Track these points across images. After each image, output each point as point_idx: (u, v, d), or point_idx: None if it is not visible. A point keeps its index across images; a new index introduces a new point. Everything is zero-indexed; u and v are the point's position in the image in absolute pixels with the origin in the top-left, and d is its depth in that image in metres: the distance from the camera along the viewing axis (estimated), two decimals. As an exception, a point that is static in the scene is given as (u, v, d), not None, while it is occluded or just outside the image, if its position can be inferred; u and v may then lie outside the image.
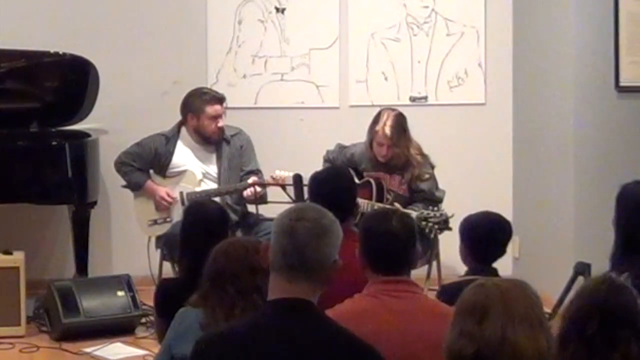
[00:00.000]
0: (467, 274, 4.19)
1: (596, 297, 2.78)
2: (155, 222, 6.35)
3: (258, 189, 6.20)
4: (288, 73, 7.13)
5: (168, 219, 6.31)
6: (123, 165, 6.40)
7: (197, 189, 6.31)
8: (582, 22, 6.22)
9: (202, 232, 4.18)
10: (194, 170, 6.38)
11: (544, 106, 6.73)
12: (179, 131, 6.43)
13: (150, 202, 6.36)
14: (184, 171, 6.38)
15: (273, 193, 6.26)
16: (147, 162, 6.39)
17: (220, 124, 6.34)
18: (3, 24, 6.77)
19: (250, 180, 6.27)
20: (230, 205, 6.15)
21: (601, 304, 2.76)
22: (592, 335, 2.72)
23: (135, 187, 6.41)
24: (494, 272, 4.08)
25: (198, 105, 6.34)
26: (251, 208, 6.39)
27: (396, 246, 3.42)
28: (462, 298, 2.52)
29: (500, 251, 4.19)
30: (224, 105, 6.37)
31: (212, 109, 6.31)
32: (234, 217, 6.05)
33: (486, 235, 4.16)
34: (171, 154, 6.38)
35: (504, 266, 6.62)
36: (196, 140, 6.40)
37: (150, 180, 6.38)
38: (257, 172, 6.42)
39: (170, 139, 6.40)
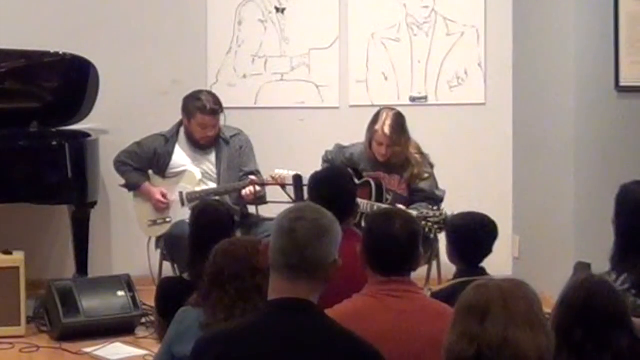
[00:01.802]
0: (455, 275, 4.19)
1: (575, 304, 2.77)
2: (155, 222, 6.35)
3: (257, 188, 6.20)
4: (288, 73, 7.13)
5: (168, 219, 6.31)
6: (121, 164, 6.42)
7: (197, 189, 6.31)
8: (582, 22, 6.22)
9: (215, 236, 4.16)
10: (194, 170, 6.38)
11: (544, 106, 6.73)
12: (178, 131, 6.43)
13: (149, 203, 6.36)
14: (184, 171, 6.38)
15: (273, 193, 6.26)
16: (146, 162, 6.40)
17: (210, 133, 6.32)
18: (3, 24, 6.77)
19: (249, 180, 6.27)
20: (230, 205, 6.14)
21: (581, 310, 2.75)
22: (580, 342, 2.72)
23: (132, 187, 6.41)
24: (482, 272, 4.08)
25: (191, 108, 6.33)
26: (251, 209, 6.40)
27: (397, 249, 3.41)
28: (463, 298, 2.51)
29: (486, 251, 4.18)
30: (218, 116, 6.32)
31: (201, 118, 6.30)
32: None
33: (470, 237, 4.16)
34: (170, 154, 6.38)
35: (504, 266, 6.74)
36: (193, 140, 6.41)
37: (147, 182, 6.38)
38: (256, 173, 6.41)
39: (169, 140, 6.40)
